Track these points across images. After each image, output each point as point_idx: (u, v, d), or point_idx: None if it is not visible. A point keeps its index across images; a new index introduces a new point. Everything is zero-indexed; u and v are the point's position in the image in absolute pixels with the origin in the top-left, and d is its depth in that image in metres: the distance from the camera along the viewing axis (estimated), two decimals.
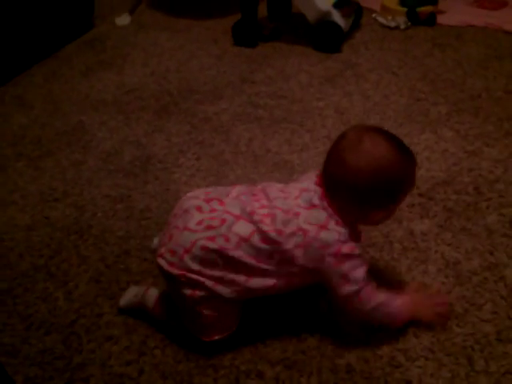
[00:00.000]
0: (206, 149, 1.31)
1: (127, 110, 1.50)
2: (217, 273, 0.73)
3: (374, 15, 2.04)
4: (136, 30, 2.05)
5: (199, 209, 0.76)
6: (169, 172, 1.22)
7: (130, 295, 0.88)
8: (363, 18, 2.01)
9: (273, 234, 0.72)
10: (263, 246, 0.72)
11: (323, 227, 0.72)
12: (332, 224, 0.73)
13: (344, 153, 0.72)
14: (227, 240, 0.72)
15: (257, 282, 0.74)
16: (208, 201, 0.78)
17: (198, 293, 0.74)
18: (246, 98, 1.54)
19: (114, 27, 2.06)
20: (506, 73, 1.56)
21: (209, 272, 0.73)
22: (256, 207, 0.74)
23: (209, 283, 0.73)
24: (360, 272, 0.73)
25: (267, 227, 0.72)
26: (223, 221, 0.74)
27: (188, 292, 0.74)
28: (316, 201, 0.74)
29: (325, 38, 1.77)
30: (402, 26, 1.92)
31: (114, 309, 0.89)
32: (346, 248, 0.72)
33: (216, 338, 0.78)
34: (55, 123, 1.46)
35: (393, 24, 1.94)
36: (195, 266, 0.73)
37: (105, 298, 0.91)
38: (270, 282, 0.75)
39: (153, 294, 0.86)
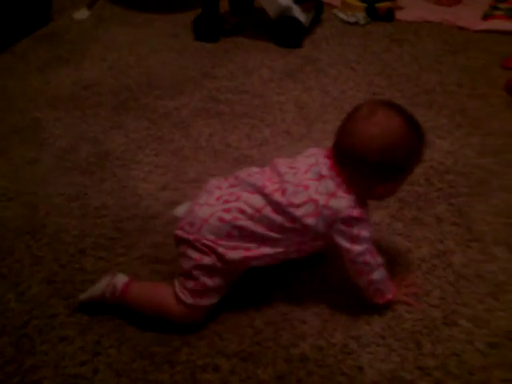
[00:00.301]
0: (165, 144, 1.30)
1: (84, 106, 1.47)
2: (232, 243, 0.78)
3: (334, 11, 2.07)
4: (95, 24, 2.01)
5: (219, 187, 0.84)
6: (126, 169, 1.21)
7: (91, 290, 0.86)
8: (324, 14, 2.04)
9: (284, 205, 0.77)
10: (275, 216, 0.77)
11: (332, 195, 0.76)
12: (340, 192, 0.76)
13: (357, 123, 0.76)
14: (241, 211, 0.78)
15: (268, 250, 0.79)
16: (227, 180, 0.86)
17: (206, 260, 0.78)
18: (206, 92, 1.54)
19: (72, 21, 2.00)
20: (460, 67, 1.61)
21: (224, 242, 0.78)
22: (267, 183, 0.80)
23: (221, 250, 0.78)
24: (367, 232, 0.77)
25: (278, 199, 0.77)
26: (238, 197, 0.80)
27: (196, 255, 0.79)
28: (325, 172, 0.78)
29: (285, 33, 1.78)
30: (362, 22, 1.96)
31: (69, 309, 0.87)
32: (356, 212, 0.76)
33: (202, 303, 0.80)
34: (9, 120, 1.41)
35: (352, 19, 1.97)
36: (211, 236, 0.78)
37: (59, 298, 0.89)
38: (280, 249, 0.79)
39: (120, 279, 0.85)
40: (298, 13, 1.77)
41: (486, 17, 1.92)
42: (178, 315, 0.81)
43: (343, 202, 0.76)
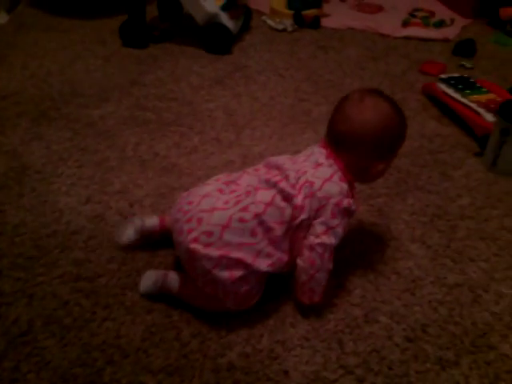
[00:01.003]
0: (89, 155, 1.25)
1: (2, 117, 1.39)
2: (256, 245, 0.79)
3: (263, 18, 2.11)
4: (15, 29, 1.90)
5: (221, 191, 0.84)
6: (47, 182, 1.15)
7: (148, 282, 0.88)
8: (253, 21, 2.07)
9: (288, 189, 0.80)
10: (284, 204, 0.80)
11: (327, 180, 0.81)
12: (336, 178, 0.81)
13: (349, 110, 0.82)
14: (257, 206, 0.80)
15: (283, 255, 0.82)
16: (226, 184, 0.86)
17: (236, 273, 0.78)
18: (134, 100, 1.50)
19: None
20: (380, 73, 1.70)
21: (249, 244, 0.79)
22: (271, 176, 0.83)
23: (248, 259, 0.78)
24: (341, 232, 0.82)
25: (284, 185, 0.81)
26: (248, 193, 0.82)
27: (225, 275, 0.78)
28: (322, 160, 0.83)
29: (214, 39, 1.78)
30: (289, 29, 2.00)
31: None
32: (347, 201, 0.81)
33: (251, 303, 0.83)
34: None
35: (280, 26, 2.01)
36: (236, 239, 0.78)
37: None
38: (288, 256, 0.83)
39: (174, 277, 0.87)
40: (225, 20, 1.78)
41: (405, 24, 2.04)
42: (233, 311, 0.84)
43: (337, 188, 0.81)
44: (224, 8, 1.78)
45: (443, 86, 1.43)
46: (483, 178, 1.20)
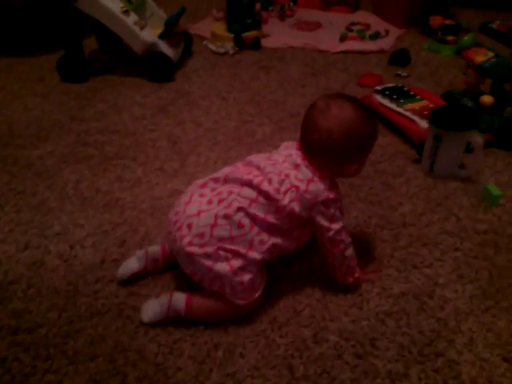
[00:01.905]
0: (27, 199, 1.21)
1: None
2: (246, 235, 0.83)
3: (204, 42, 2.12)
4: None
5: (202, 194, 0.87)
6: None
7: (155, 309, 0.88)
8: (195, 46, 2.08)
9: (272, 193, 0.83)
10: (268, 202, 0.84)
11: (311, 180, 0.85)
12: (316, 177, 0.85)
13: (315, 119, 0.85)
14: (241, 202, 0.84)
15: (276, 240, 0.86)
16: (204, 185, 0.89)
17: (235, 263, 0.82)
18: (74, 136, 1.47)
19: None
20: (321, 88, 1.73)
21: (239, 236, 0.83)
22: (252, 176, 0.85)
23: (242, 250, 0.83)
24: (340, 214, 0.88)
25: (266, 188, 0.83)
26: (230, 192, 0.85)
27: (225, 267, 0.82)
28: (299, 161, 0.86)
29: (155, 68, 1.78)
30: (231, 52, 2.03)
31: None
32: (332, 194, 0.86)
33: (256, 295, 0.86)
34: None
35: (222, 50, 2.03)
36: (226, 234, 0.82)
37: None
38: (283, 240, 0.87)
39: (179, 298, 0.88)
40: (165, 48, 1.78)
41: (342, 39, 2.10)
42: (242, 312, 0.88)
43: (321, 186, 0.84)
44: (162, 36, 1.79)
45: (379, 97, 1.47)
46: (422, 183, 1.23)
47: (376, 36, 2.11)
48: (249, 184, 0.85)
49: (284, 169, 0.86)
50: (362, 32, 2.13)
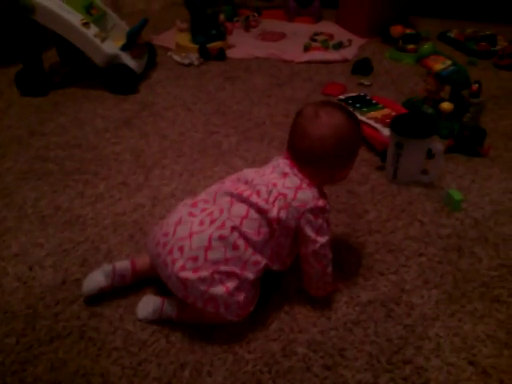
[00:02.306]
0: None
1: None
2: (241, 257, 0.82)
3: (169, 53, 2.11)
4: None
5: (192, 214, 0.86)
6: None
7: (148, 309, 0.89)
8: (159, 57, 2.06)
9: (262, 204, 0.83)
10: (259, 216, 0.83)
11: (298, 188, 0.84)
12: (305, 185, 0.84)
13: (305, 127, 0.84)
14: (233, 221, 0.82)
15: (270, 260, 0.86)
16: (194, 205, 0.88)
17: (230, 284, 0.81)
18: (33, 152, 1.42)
19: None
20: (286, 98, 1.74)
21: (234, 258, 0.81)
22: (240, 190, 0.85)
23: (237, 271, 0.81)
24: (327, 227, 0.87)
25: (256, 200, 0.83)
26: (221, 210, 0.84)
27: (221, 289, 0.81)
28: (287, 170, 0.85)
29: (117, 80, 1.75)
30: (196, 63, 2.02)
31: None
32: (321, 202, 0.84)
33: (251, 309, 0.86)
34: None
35: (187, 61, 2.02)
36: (221, 256, 0.81)
37: None
38: (272, 260, 0.87)
39: (172, 303, 0.88)
40: (127, 59, 1.76)
41: (306, 49, 2.12)
42: (233, 321, 0.86)
43: (309, 194, 0.84)
44: (124, 48, 1.76)
45: None
46: (387, 190, 1.25)
47: (339, 46, 2.14)
48: (239, 198, 0.84)
49: (272, 179, 0.85)
50: (325, 42, 2.16)
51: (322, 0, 2.52)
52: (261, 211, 0.83)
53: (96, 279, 0.92)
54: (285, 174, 0.85)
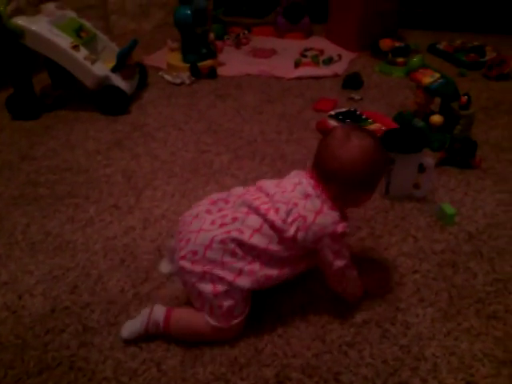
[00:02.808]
0: None
1: None
2: (237, 264, 0.83)
3: (160, 73, 2.12)
4: None
5: (209, 211, 0.89)
6: None
7: (132, 324, 0.89)
8: (151, 77, 2.07)
9: (278, 223, 0.83)
10: (272, 233, 0.83)
11: (319, 212, 0.84)
12: (326, 209, 0.85)
13: (336, 149, 0.85)
14: (242, 232, 0.83)
15: (269, 271, 0.85)
16: (214, 203, 0.90)
17: (219, 287, 0.82)
18: (24, 177, 1.41)
19: None
20: (277, 115, 1.74)
21: (229, 263, 0.82)
22: (260, 203, 0.85)
23: (229, 277, 0.82)
24: (347, 249, 0.88)
25: (273, 217, 0.83)
26: (235, 218, 0.85)
27: (209, 288, 0.83)
28: (310, 191, 0.86)
29: (108, 102, 1.75)
30: (187, 82, 2.02)
31: None
32: (340, 227, 0.85)
33: (233, 322, 0.85)
34: None
35: (178, 80, 2.03)
36: (217, 258, 0.83)
37: None
38: (277, 270, 0.86)
39: (159, 310, 0.89)
40: (118, 81, 1.76)
41: (296, 65, 2.14)
42: (220, 337, 0.87)
43: (329, 219, 0.84)
44: (114, 69, 1.76)
45: (333, 122, 1.49)
46: (379, 206, 1.24)
47: (329, 61, 2.16)
48: (256, 211, 0.85)
49: (293, 197, 0.85)
50: (315, 57, 2.17)
51: (311, 16, 2.55)
52: (275, 229, 0.83)
53: (165, 266, 1.00)
54: (307, 196, 0.85)
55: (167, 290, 1.00)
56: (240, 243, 0.83)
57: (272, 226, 0.83)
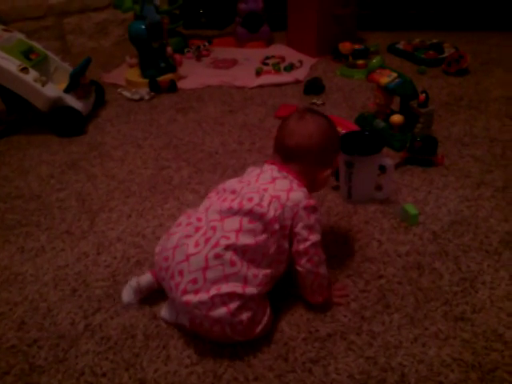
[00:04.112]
0: None
1: None
2: (240, 272, 0.81)
3: (119, 90, 2.06)
4: None
5: (187, 236, 0.86)
6: None
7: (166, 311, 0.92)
8: (109, 95, 2.02)
9: (257, 208, 0.83)
10: (254, 225, 0.83)
11: (290, 190, 0.87)
12: (295, 186, 0.88)
13: (294, 126, 0.91)
14: (228, 238, 0.82)
15: (265, 271, 0.84)
16: (189, 224, 0.89)
17: (232, 305, 0.80)
18: None
19: None
20: (239, 125, 1.70)
21: (233, 274, 0.81)
22: (230, 202, 0.86)
23: (238, 289, 0.81)
24: (319, 226, 0.89)
25: (249, 206, 0.83)
26: (214, 228, 0.84)
27: (223, 311, 0.80)
28: (276, 174, 0.89)
29: (63, 123, 1.69)
30: (146, 97, 1.97)
31: None
32: (312, 201, 0.88)
33: (258, 330, 0.84)
34: None
35: (137, 96, 1.98)
36: (220, 274, 0.81)
37: None
38: (271, 269, 0.86)
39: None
40: (72, 101, 1.70)
41: (258, 73, 2.11)
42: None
43: (301, 194, 0.87)
44: (67, 90, 1.70)
45: None
46: (343, 211, 1.21)
47: (291, 68, 2.14)
48: (229, 212, 0.84)
49: (260, 185, 0.88)
50: (276, 65, 2.15)
51: (271, 24, 2.53)
52: (257, 216, 0.83)
53: (127, 296, 0.96)
54: (274, 179, 0.88)
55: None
56: (234, 248, 0.82)
57: (251, 217, 0.83)
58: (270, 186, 0.87)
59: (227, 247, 0.81)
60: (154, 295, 0.97)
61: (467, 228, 1.11)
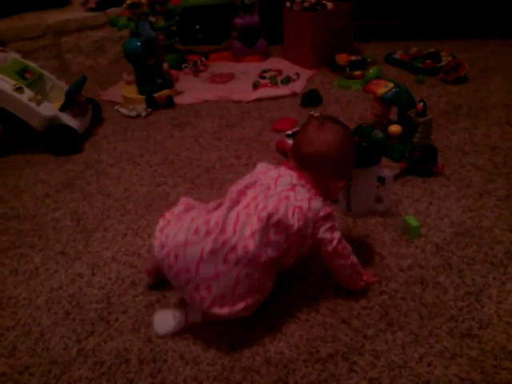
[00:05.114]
0: None
1: None
2: (263, 284, 0.86)
3: (116, 107, 2.06)
4: None
5: (193, 219, 0.87)
6: None
7: (168, 323, 0.91)
8: (107, 112, 2.01)
9: (284, 220, 0.84)
10: (278, 237, 0.84)
11: (310, 199, 0.88)
12: (313, 195, 0.89)
13: (312, 133, 0.91)
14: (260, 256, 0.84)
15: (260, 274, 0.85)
16: (207, 233, 0.84)
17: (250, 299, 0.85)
18: None
19: None
20: (236, 139, 1.69)
21: (257, 287, 0.85)
22: (254, 209, 0.85)
23: (259, 299, 0.87)
24: (337, 226, 0.91)
25: (278, 217, 0.84)
26: (246, 247, 0.82)
27: (241, 305, 0.84)
28: (295, 181, 0.89)
29: (59, 142, 1.68)
30: (143, 114, 1.97)
31: None
32: (329, 209, 0.89)
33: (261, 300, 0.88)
34: None
35: (134, 113, 1.97)
36: (212, 272, 0.82)
37: None
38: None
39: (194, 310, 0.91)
40: (68, 119, 1.70)
41: (255, 87, 2.10)
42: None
43: (319, 203, 0.88)
44: (63, 108, 1.70)
45: (291, 141, 1.44)
46: (342, 224, 1.18)
47: (288, 80, 2.13)
48: (259, 221, 0.84)
49: (281, 192, 0.88)
50: (273, 78, 2.14)
51: (268, 37, 2.54)
52: (285, 228, 0.84)
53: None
54: (293, 186, 0.89)
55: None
56: (231, 248, 0.82)
57: (281, 226, 0.84)
58: (290, 195, 0.87)
59: (224, 244, 0.82)
60: (148, 317, 0.94)
61: (471, 239, 1.08)
